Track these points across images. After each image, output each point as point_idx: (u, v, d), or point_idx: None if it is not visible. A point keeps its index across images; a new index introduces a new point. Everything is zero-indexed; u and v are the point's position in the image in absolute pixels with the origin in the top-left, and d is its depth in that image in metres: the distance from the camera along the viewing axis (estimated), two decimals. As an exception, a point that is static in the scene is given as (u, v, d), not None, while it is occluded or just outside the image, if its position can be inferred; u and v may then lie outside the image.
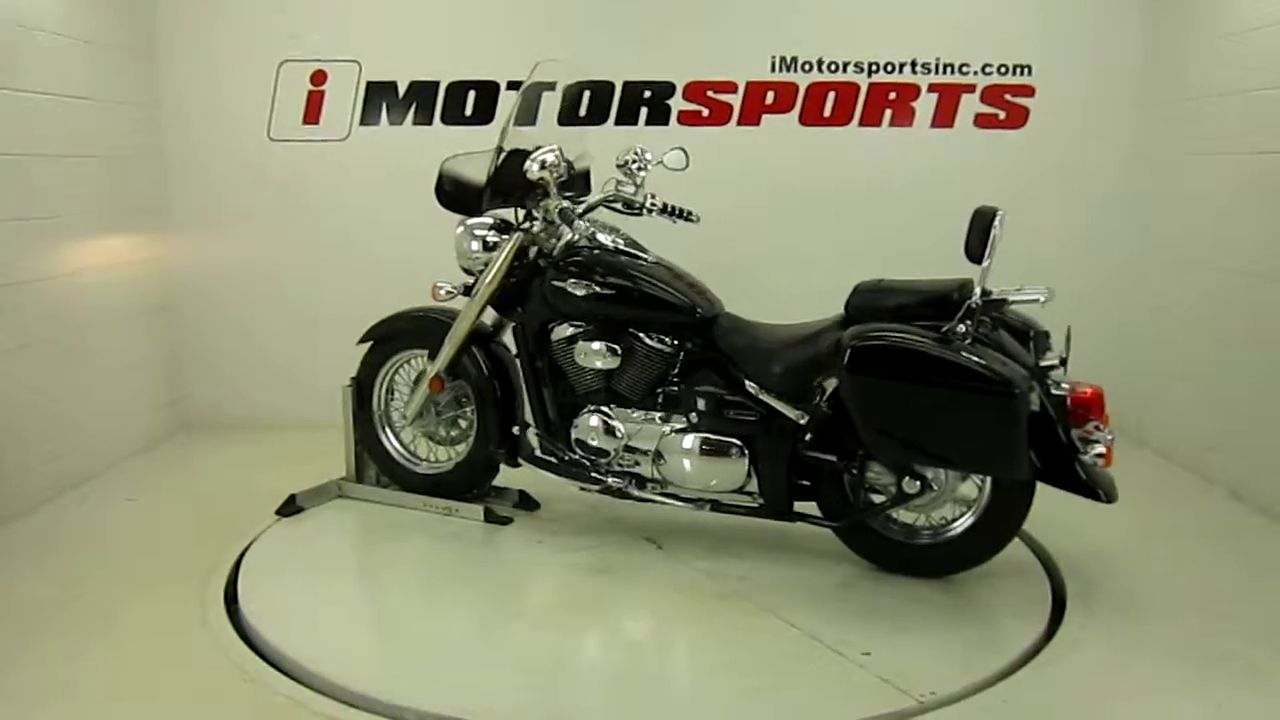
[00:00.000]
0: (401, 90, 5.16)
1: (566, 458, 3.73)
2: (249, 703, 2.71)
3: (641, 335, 3.60)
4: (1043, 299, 3.15)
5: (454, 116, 5.16)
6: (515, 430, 3.86)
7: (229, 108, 5.16)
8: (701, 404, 3.56)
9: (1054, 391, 3.12)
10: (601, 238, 3.71)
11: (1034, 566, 3.55)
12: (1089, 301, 5.20)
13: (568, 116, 5.08)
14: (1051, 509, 3.89)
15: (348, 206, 5.23)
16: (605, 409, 3.65)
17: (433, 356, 3.93)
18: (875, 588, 3.39)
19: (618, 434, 3.62)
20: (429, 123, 5.17)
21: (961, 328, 3.09)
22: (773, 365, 3.44)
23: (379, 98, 5.17)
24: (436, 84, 5.15)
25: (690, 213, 3.83)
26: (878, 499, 3.42)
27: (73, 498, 4.23)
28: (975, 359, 3.02)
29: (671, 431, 3.57)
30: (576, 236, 3.70)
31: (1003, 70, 5.17)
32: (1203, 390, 4.60)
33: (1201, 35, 4.68)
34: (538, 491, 4.05)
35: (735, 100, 5.20)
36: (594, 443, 3.65)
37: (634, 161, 3.74)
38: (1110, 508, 3.48)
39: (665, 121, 5.18)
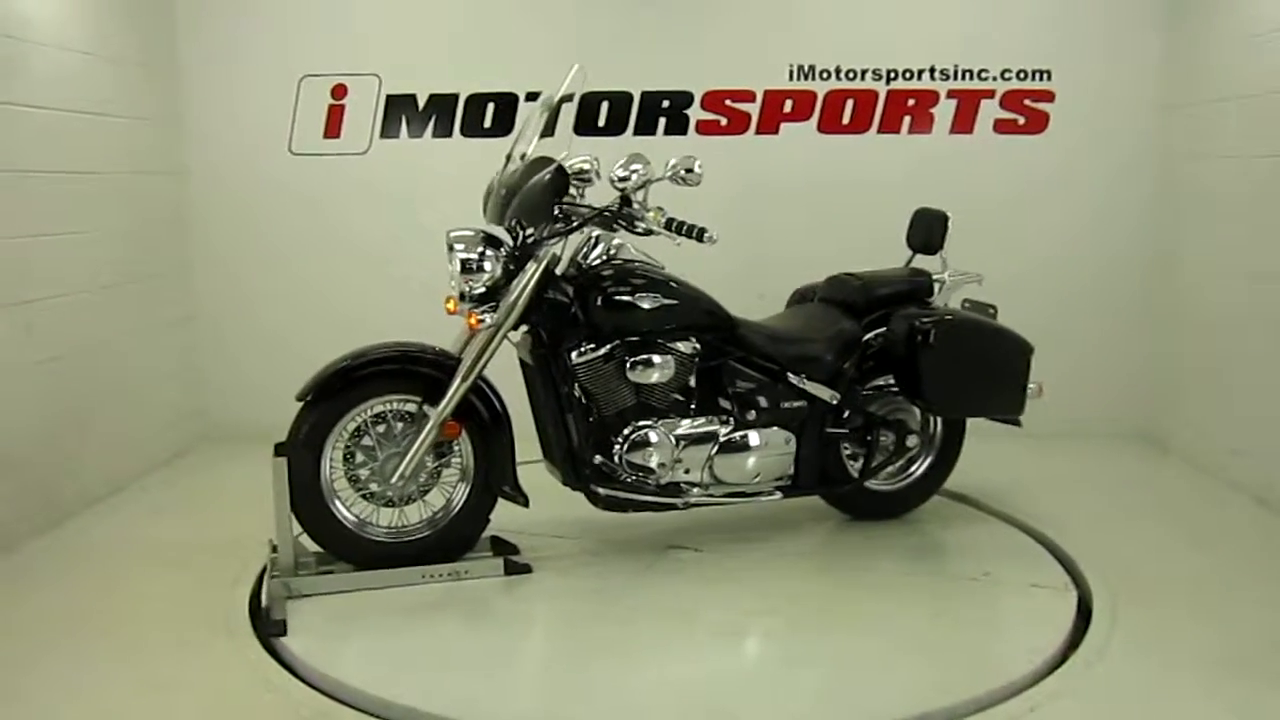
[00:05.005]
0: (421, 103, 5.20)
1: (631, 480, 3.53)
2: (272, 714, 2.72)
3: (675, 345, 3.53)
4: (979, 279, 3.99)
5: (473, 128, 5.19)
6: (597, 460, 3.49)
7: (250, 122, 5.21)
8: (755, 401, 3.66)
9: None
10: (629, 249, 3.58)
11: (1056, 569, 3.56)
12: (1110, 304, 5.20)
13: (585, 126, 5.14)
14: (1075, 517, 3.88)
15: (369, 219, 5.26)
16: (652, 423, 3.51)
17: (430, 400, 3.38)
18: (894, 533, 3.92)
19: (672, 445, 3.52)
20: (449, 135, 5.20)
21: (941, 305, 3.90)
22: (808, 356, 3.72)
23: (399, 110, 5.20)
24: (456, 96, 5.18)
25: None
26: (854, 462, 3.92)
27: (99, 510, 4.26)
28: (1008, 328, 3.84)
29: (729, 433, 3.60)
30: (613, 250, 3.55)
31: (1022, 75, 5.16)
32: (1226, 395, 4.57)
33: (1220, 38, 4.66)
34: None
35: (753, 109, 5.20)
36: (650, 460, 3.50)
37: (687, 171, 3.43)
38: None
39: (684, 131, 5.19)
